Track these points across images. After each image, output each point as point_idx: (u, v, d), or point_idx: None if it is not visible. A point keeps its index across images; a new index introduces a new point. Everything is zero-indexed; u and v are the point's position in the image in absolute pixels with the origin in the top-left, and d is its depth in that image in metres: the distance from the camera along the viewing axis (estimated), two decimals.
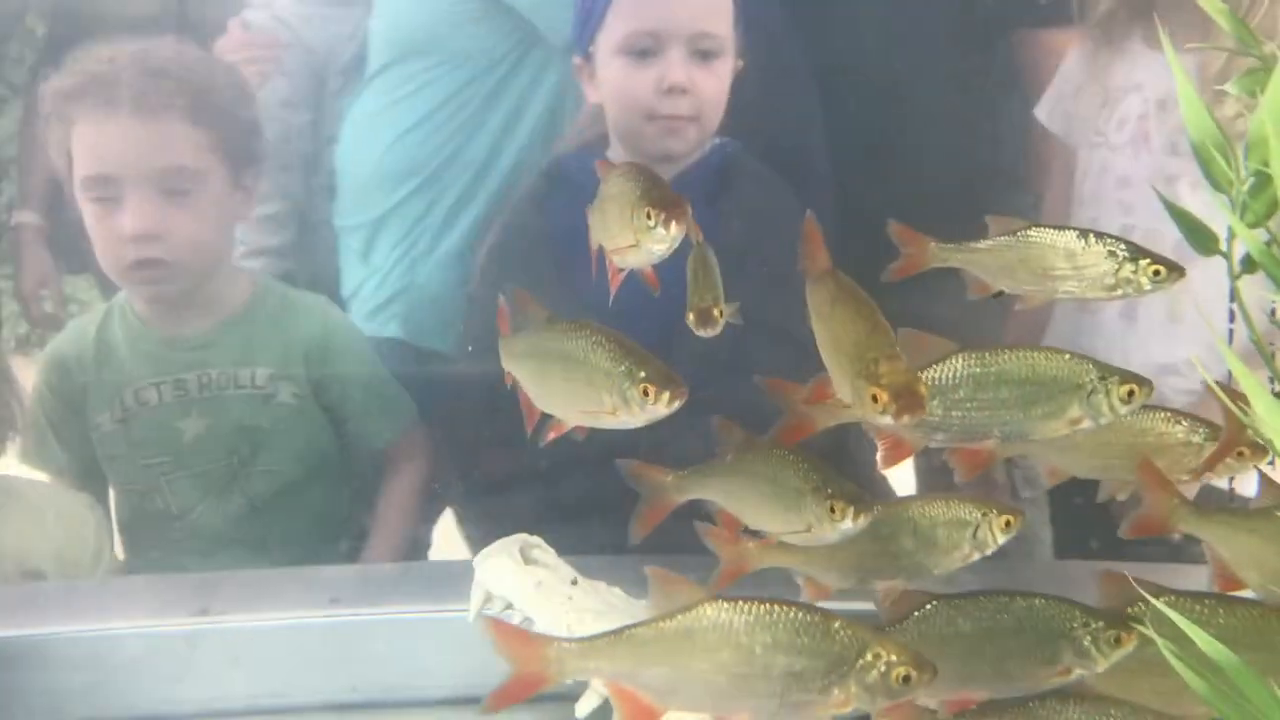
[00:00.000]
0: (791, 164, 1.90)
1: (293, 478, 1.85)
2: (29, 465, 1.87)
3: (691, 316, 1.04)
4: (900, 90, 1.96)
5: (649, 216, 0.97)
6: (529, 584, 1.11)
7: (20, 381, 1.87)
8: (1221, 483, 1.10)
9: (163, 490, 1.82)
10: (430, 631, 1.32)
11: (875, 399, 0.89)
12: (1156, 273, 1.01)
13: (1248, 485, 1.09)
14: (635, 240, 0.99)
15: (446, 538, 1.99)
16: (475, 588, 1.14)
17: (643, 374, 0.98)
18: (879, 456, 1.01)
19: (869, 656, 0.89)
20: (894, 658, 0.89)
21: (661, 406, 0.97)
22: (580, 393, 1.02)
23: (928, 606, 1.00)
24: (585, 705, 1.13)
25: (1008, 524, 1.05)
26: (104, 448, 1.83)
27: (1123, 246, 1.01)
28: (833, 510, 0.94)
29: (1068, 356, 1.00)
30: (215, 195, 1.74)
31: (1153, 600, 0.81)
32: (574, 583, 1.12)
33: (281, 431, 1.82)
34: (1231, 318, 1.03)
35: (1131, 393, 0.99)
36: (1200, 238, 0.89)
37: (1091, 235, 1.02)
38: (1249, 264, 0.85)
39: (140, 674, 1.32)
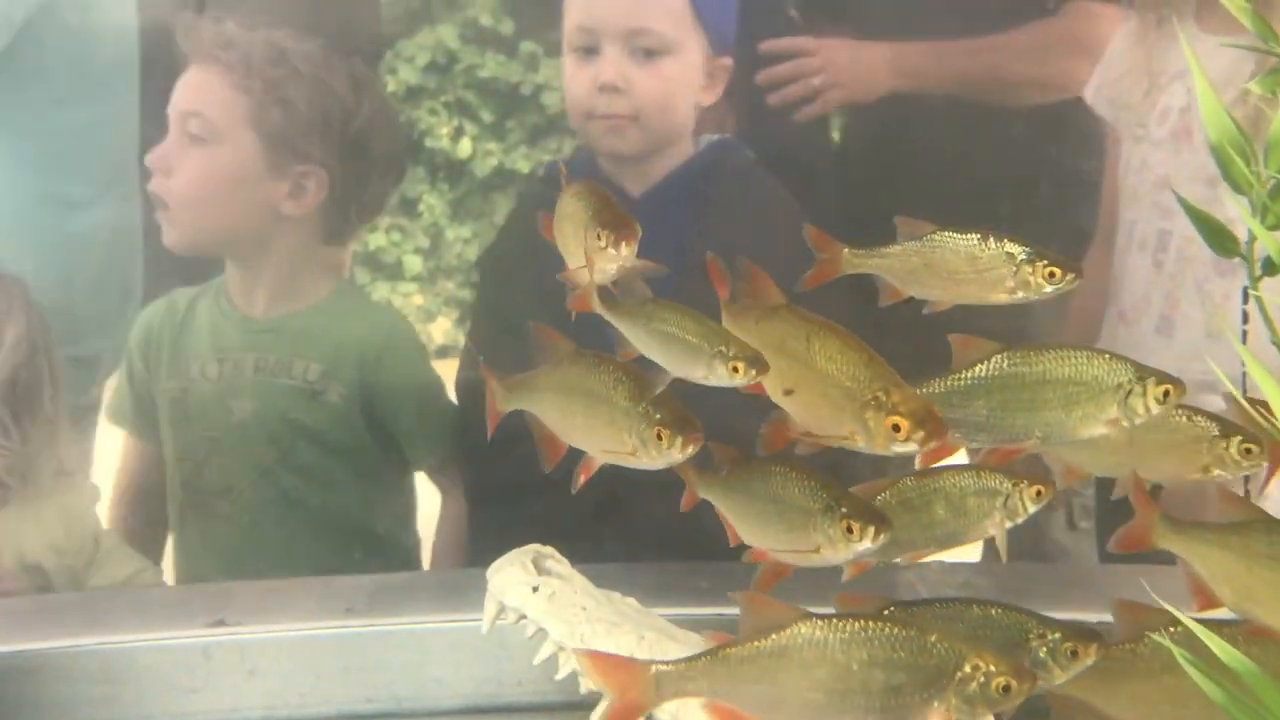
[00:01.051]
0: (802, 166, 1.88)
1: (327, 478, 1.86)
2: (108, 419, 1.97)
3: (736, 368, 0.95)
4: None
5: (599, 238, 0.97)
6: (542, 595, 1.11)
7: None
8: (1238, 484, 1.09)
9: (210, 465, 1.85)
10: (445, 642, 1.31)
11: (897, 429, 0.87)
12: (1051, 274, 1.00)
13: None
14: (588, 260, 0.99)
15: None
16: (488, 599, 1.14)
17: (659, 416, 0.97)
18: (919, 460, 0.99)
19: (967, 668, 0.89)
20: (993, 668, 0.89)
21: (676, 452, 0.96)
22: (602, 431, 1.01)
23: (884, 613, 0.99)
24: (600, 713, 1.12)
25: (1038, 494, 1.04)
26: (167, 413, 1.89)
27: (1022, 248, 1.00)
28: (850, 530, 0.92)
29: (1106, 356, 0.99)
30: (237, 162, 1.77)
31: (1188, 620, 0.78)
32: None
33: (323, 430, 1.84)
34: (1245, 319, 1.01)
35: (1167, 393, 0.98)
36: (1219, 240, 0.88)
37: (991, 237, 1.01)
38: (1269, 267, 0.84)
39: (155, 685, 1.32)
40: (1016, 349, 0.99)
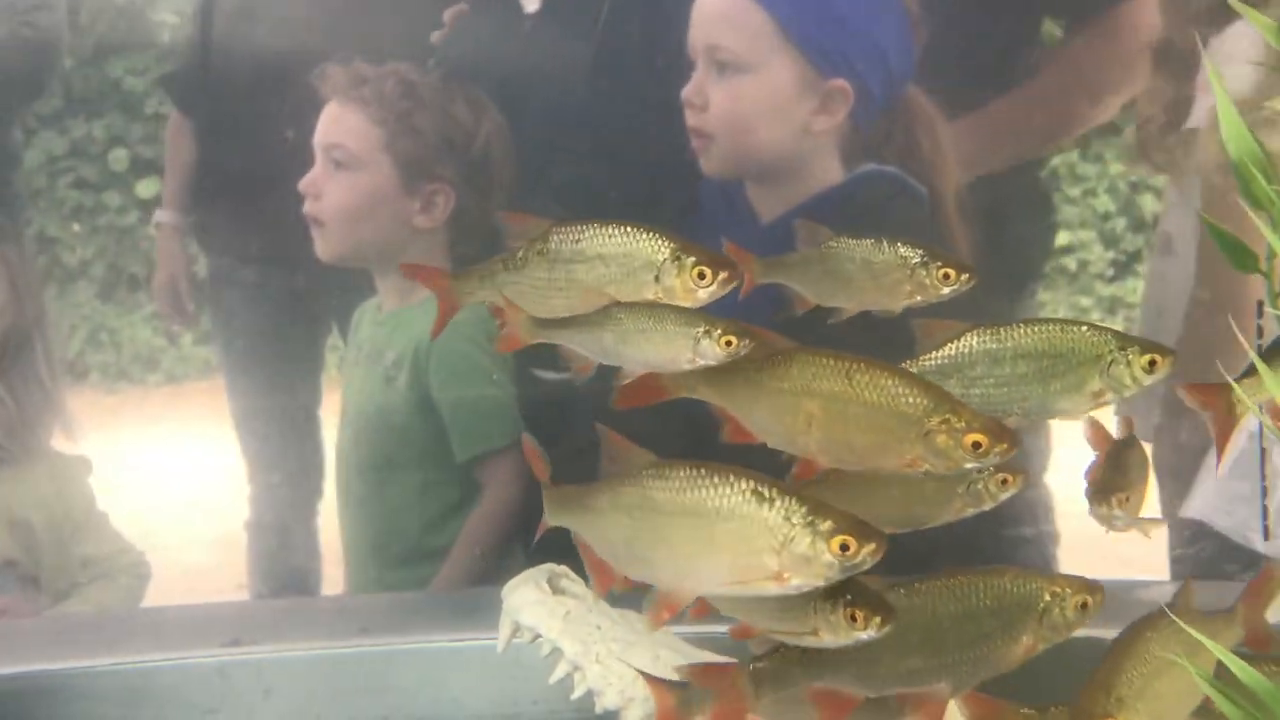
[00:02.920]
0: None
1: (392, 458, 2.03)
2: None
3: (729, 342, 0.90)
4: None
5: (702, 275, 0.92)
6: (557, 614, 1.10)
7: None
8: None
9: (342, 431, 2.12)
10: (461, 661, 1.31)
11: (978, 445, 0.87)
12: (946, 275, 0.99)
13: None
14: (655, 298, 0.94)
15: None
16: (503, 618, 1.14)
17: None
18: None
19: (1047, 597, 0.92)
20: (1068, 590, 0.93)
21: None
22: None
23: None
24: None
25: (1004, 482, 1.00)
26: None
27: (916, 252, 0.99)
28: (854, 619, 0.88)
29: (1085, 328, 0.96)
30: (376, 184, 1.99)
31: (1228, 658, 0.75)
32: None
33: (392, 412, 2.03)
34: (1260, 333, 1.00)
35: (1153, 362, 0.94)
36: (1239, 255, 0.87)
37: (884, 242, 1.01)
38: None
39: (173, 706, 1.32)
40: (986, 326, 0.97)
